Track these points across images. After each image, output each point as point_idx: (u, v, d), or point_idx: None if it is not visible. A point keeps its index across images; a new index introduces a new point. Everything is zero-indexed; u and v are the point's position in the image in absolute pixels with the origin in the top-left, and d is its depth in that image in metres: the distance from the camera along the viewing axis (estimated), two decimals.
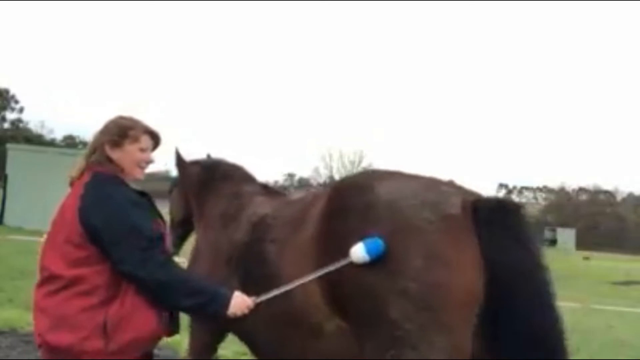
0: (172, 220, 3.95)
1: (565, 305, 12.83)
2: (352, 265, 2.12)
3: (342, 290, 2.19)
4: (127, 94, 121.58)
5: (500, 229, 2.08)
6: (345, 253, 2.15)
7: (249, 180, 3.62)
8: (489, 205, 2.15)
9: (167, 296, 2.32)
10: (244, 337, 2.99)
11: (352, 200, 2.27)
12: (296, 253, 2.45)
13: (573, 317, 10.71)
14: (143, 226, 2.31)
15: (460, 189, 2.27)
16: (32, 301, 2.39)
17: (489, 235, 2.06)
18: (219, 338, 3.23)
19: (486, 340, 2.05)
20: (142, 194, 2.57)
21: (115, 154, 2.47)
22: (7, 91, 64.42)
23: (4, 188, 21.34)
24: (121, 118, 2.56)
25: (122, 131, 2.48)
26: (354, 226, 2.19)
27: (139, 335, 2.30)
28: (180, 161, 3.98)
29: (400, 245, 2.06)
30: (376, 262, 2.07)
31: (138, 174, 2.56)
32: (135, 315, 2.30)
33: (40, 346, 2.34)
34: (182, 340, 6.04)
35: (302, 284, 2.35)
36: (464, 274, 2.02)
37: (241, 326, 2.79)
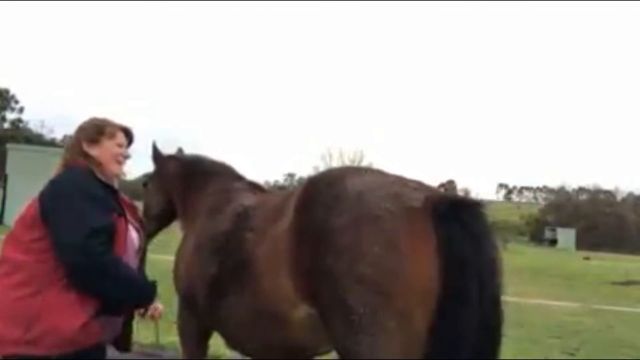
0: (146, 214, 3.94)
1: (565, 305, 12.84)
2: (318, 251, 2.21)
3: (310, 280, 2.28)
4: (127, 94, 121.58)
5: (455, 224, 2.13)
6: (314, 243, 2.24)
7: (237, 177, 3.69)
8: (447, 201, 2.21)
9: (96, 284, 2.31)
10: (221, 331, 3.06)
11: (322, 192, 2.36)
12: (271, 242, 2.54)
13: (573, 317, 10.70)
14: (91, 215, 2.31)
15: (426, 187, 2.34)
16: None
17: (443, 229, 2.11)
18: (208, 335, 3.30)
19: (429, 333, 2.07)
20: (113, 190, 2.60)
21: (93, 151, 2.56)
22: (7, 91, 64.48)
23: (4, 188, 21.34)
24: (95, 119, 2.66)
25: (99, 129, 2.59)
26: (322, 216, 2.27)
27: (56, 330, 2.26)
28: (157, 156, 4.01)
29: (361, 233, 2.14)
30: (340, 248, 2.15)
31: (116, 169, 2.63)
32: (60, 310, 2.27)
33: None
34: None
35: (273, 272, 2.45)
36: (420, 263, 2.07)
37: (213, 319, 2.93)
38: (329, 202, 2.28)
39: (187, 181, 3.70)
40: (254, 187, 3.59)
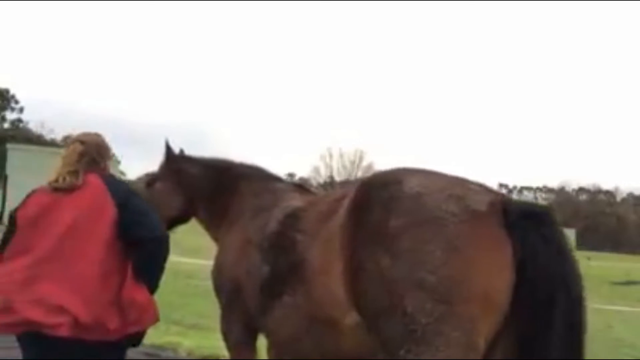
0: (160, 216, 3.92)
1: None
2: (373, 252, 2.13)
3: (362, 282, 2.18)
4: (127, 93, 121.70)
5: (535, 235, 2.05)
6: (369, 244, 2.15)
7: (277, 178, 3.66)
8: (519, 208, 2.11)
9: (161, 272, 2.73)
10: (267, 331, 3.00)
11: (377, 193, 2.27)
12: (323, 244, 2.47)
13: None
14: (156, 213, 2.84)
15: (488, 189, 2.25)
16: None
17: (524, 241, 2.03)
18: (254, 334, 3.20)
19: (508, 343, 2.04)
20: None
21: (107, 163, 2.97)
22: (7, 91, 64.42)
23: (4, 188, 21.37)
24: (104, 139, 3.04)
25: (109, 150, 3.05)
26: (377, 217, 2.18)
27: (145, 311, 2.66)
28: (172, 157, 3.93)
29: (421, 236, 2.03)
30: (398, 251, 2.06)
31: None
32: (141, 296, 2.62)
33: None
34: (182, 341, 6.07)
35: (325, 277, 2.36)
36: (487, 271, 1.99)
37: (266, 319, 2.83)
38: (385, 203, 2.19)
39: (220, 185, 3.63)
40: (298, 187, 3.55)
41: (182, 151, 3.97)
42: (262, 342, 3.29)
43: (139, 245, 2.57)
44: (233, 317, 3.16)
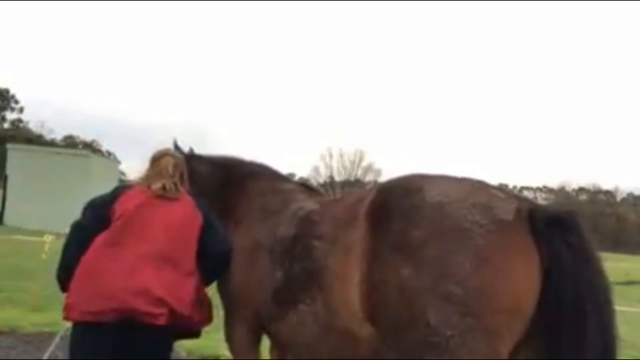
0: None
1: None
2: (393, 263, 2.08)
3: (380, 293, 2.13)
4: (126, 94, 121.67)
5: (560, 244, 2.01)
6: (390, 255, 2.11)
7: (283, 178, 3.60)
8: (544, 215, 2.07)
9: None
10: (280, 338, 2.94)
11: (397, 201, 2.22)
12: (342, 252, 2.41)
13: None
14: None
15: (512, 195, 2.19)
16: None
17: (550, 250, 2.00)
18: (259, 335, 3.19)
19: (533, 351, 2.01)
20: None
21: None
22: (7, 91, 64.41)
23: (4, 188, 21.36)
24: None
25: None
26: (399, 227, 2.13)
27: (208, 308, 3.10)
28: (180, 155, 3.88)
29: (447, 247, 1.98)
30: (422, 262, 2.01)
31: None
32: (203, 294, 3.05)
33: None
34: (182, 341, 6.06)
35: (343, 286, 2.32)
36: (514, 280, 1.95)
37: (280, 326, 2.78)
38: (407, 213, 2.14)
39: (228, 183, 3.61)
40: (307, 187, 3.50)
41: (191, 150, 3.95)
42: (264, 343, 3.28)
43: (209, 256, 2.96)
44: (237, 320, 3.13)
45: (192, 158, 3.86)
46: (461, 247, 1.97)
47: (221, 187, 3.62)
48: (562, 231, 2.04)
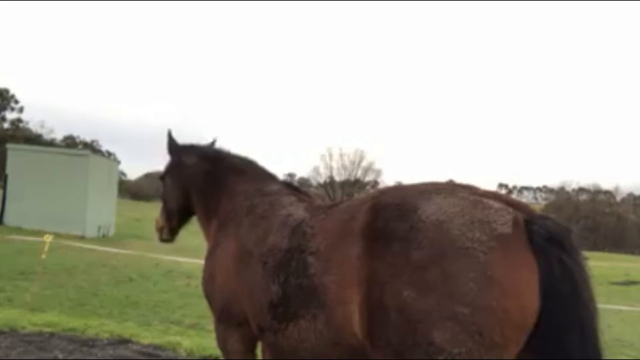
0: (166, 209, 3.89)
1: None
2: (392, 285, 2.08)
3: (382, 316, 2.12)
4: (126, 94, 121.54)
5: (558, 264, 2.04)
6: (389, 278, 2.09)
7: (270, 176, 3.52)
8: (543, 231, 2.07)
9: None
10: (280, 349, 2.87)
11: (394, 223, 2.19)
12: (339, 272, 2.37)
13: None
14: None
15: (503, 202, 2.17)
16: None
17: (545, 264, 2.02)
18: (252, 346, 3.15)
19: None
20: None
21: None
22: (7, 91, 64.42)
23: (4, 188, 21.32)
24: None
25: None
26: (398, 249, 2.11)
27: None
28: (173, 146, 3.89)
29: (449, 268, 1.98)
30: (425, 284, 2.01)
31: None
32: None
33: None
34: (182, 341, 6.06)
35: (343, 307, 2.31)
36: (521, 295, 1.96)
37: (279, 339, 2.73)
38: (404, 234, 2.11)
39: (212, 178, 3.54)
40: (293, 189, 3.40)
41: (170, 135, 3.93)
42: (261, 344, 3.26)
43: None
44: (228, 327, 3.09)
45: (182, 150, 3.84)
46: (465, 267, 1.96)
47: (205, 181, 3.58)
48: (558, 251, 2.05)
